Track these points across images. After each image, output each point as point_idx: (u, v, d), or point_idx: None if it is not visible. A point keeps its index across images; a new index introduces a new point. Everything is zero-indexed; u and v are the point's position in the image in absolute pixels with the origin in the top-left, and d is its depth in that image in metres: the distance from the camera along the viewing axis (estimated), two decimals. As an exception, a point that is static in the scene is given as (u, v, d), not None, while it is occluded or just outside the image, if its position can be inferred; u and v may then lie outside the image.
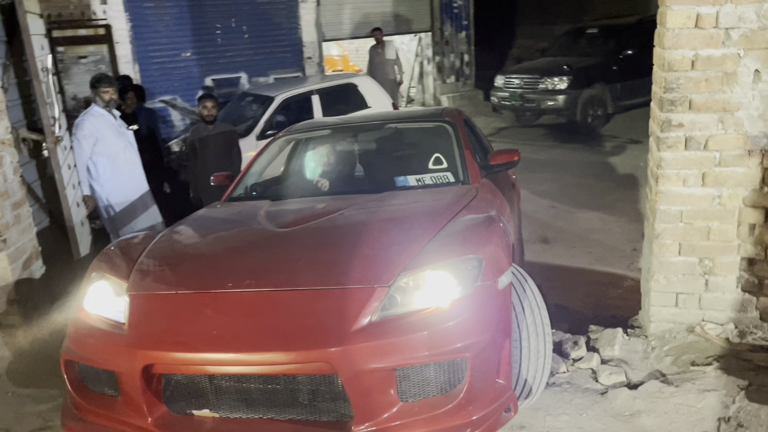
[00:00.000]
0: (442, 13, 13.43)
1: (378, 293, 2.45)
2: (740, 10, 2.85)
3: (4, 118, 3.75)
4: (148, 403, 2.45)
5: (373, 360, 2.29)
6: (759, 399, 2.72)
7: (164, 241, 3.09)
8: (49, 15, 9.00)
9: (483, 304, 2.47)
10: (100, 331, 2.58)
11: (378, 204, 3.38)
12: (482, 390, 2.40)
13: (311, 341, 2.33)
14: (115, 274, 2.78)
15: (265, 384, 2.43)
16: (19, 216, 3.82)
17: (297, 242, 2.94)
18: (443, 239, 2.74)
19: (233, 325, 2.45)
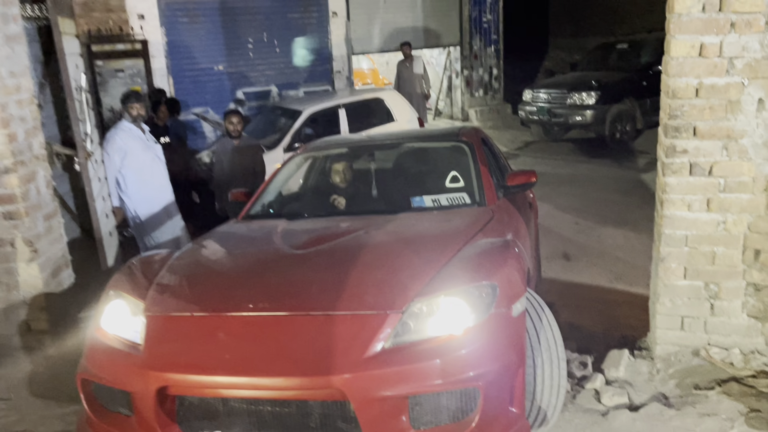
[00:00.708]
0: (471, 28, 13.51)
1: (391, 319, 2.45)
2: (744, 40, 2.89)
3: (39, 134, 3.97)
4: (161, 423, 2.47)
5: (385, 387, 2.29)
6: (758, 425, 2.74)
7: (181, 261, 3.12)
8: (89, 30, 9.37)
9: (497, 332, 2.45)
10: (117, 351, 2.61)
11: (393, 226, 3.38)
12: (495, 418, 2.38)
13: (323, 367, 2.33)
14: (132, 293, 2.81)
15: (277, 407, 2.45)
16: (51, 227, 4.03)
17: (311, 265, 2.96)
18: (457, 264, 2.73)
19: (246, 349, 2.46)
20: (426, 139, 4.67)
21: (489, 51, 13.85)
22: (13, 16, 3.76)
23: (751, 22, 2.86)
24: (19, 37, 3.82)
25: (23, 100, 3.82)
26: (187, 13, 10.23)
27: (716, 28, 2.90)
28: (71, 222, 4.73)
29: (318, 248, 3.15)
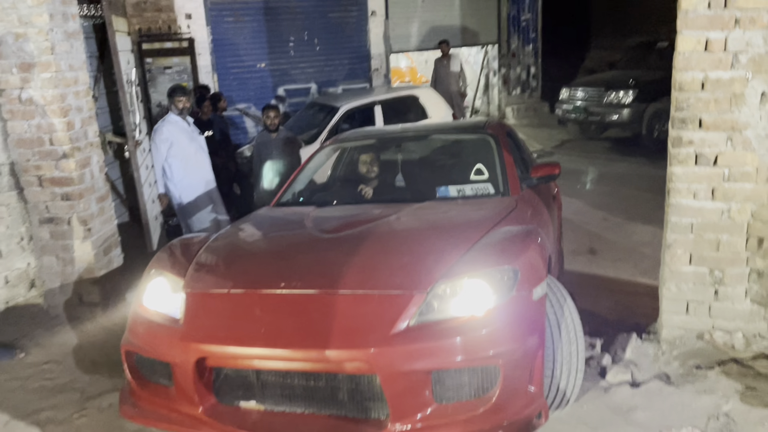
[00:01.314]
0: (509, 26, 13.62)
1: (416, 299, 2.56)
2: (748, 36, 3.03)
3: (93, 123, 4.34)
4: (199, 393, 2.61)
5: (410, 362, 2.41)
6: (752, 402, 2.89)
7: (217, 243, 3.28)
8: (140, 29, 9.85)
9: (517, 314, 2.56)
10: (158, 326, 2.77)
11: (419, 213, 3.51)
12: (514, 396, 2.49)
13: (352, 342, 2.46)
14: (173, 271, 2.97)
15: (308, 381, 2.57)
16: (103, 209, 4.39)
17: (341, 247, 3.08)
18: (481, 249, 2.83)
19: (279, 324, 2.60)
20: (452, 131, 4.80)
21: (527, 49, 13.92)
22: (72, 14, 4.13)
23: (754, 19, 3.00)
24: (78, 34, 4.19)
25: (80, 92, 4.19)
26: (232, 13, 10.64)
27: (721, 24, 3.05)
28: (120, 206, 5.09)
29: (347, 232, 3.27)
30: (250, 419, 2.60)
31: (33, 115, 4.00)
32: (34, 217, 4.20)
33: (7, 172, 4.14)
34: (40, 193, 4.14)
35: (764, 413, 2.80)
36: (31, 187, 4.14)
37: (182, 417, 2.65)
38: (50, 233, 4.21)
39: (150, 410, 2.75)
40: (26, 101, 3.99)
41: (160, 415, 2.71)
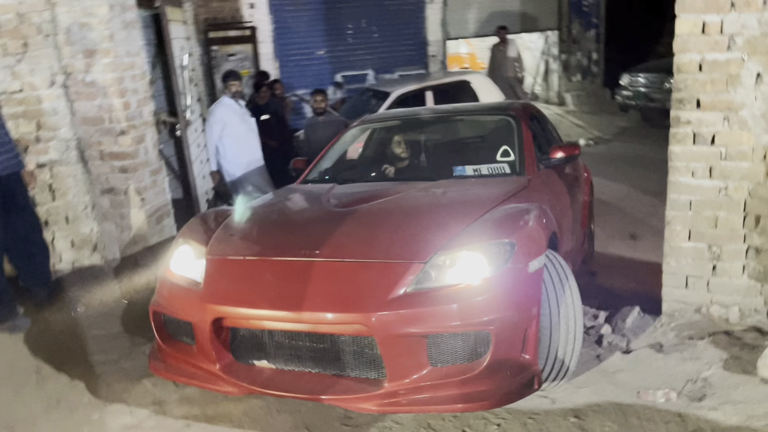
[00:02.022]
0: (570, 12, 13.49)
1: (414, 268, 2.72)
2: (743, 18, 3.13)
3: (149, 104, 4.82)
4: (217, 351, 2.84)
5: (405, 326, 2.57)
6: (734, 368, 3.03)
7: (239, 216, 3.51)
8: (206, 19, 10.45)
9: (511, 284, 2.69)
10: (182, 288, 3.00)
11: (431, 190, 3.66)
12: (506, 362, 2.63)
13: (352, 306, 2.65)
14: (197, 240, 3.21)
15: (314, 343, 2.78)
16: (156, 181, 4.88)
17: (350, 220, 3.25)
18: (482, 224, 2.97)
19: (288, 288, 2.79)
20: (475, 113, 4.94)
21: (588, 35, 13.75)
22: (130, 6, 4.60)
23: (749, 2, 3.10)
24: (135, 23, 4.67)
25: (136, 75, 4.67)
26: (293, 2, 11.09)
27: (717, 8, 3.16)
28: (174, 182, 5.59)
29: (358, 207, 3.45)
30: (262, 376, 2.82)
31: (95, 96, 4.51)
32: (96, 187, 4.73)
33: (74, 146, 4.67)
34: (101, 165, 4.66)
35: (742, 379, 2.94)
36: (93, 161, 4.66)
37: (202, 373, 2.88)
38: (110, 202, 4.72)
39: (175, 366, 3.00)
40: (89, 84, 4.49)
41: (183, 370, 2.96)
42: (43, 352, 3.77)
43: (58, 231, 4.73)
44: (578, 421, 2.78)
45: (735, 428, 2.61)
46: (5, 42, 4.36)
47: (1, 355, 3.73)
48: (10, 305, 4.04)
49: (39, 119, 4.55)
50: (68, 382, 3.43)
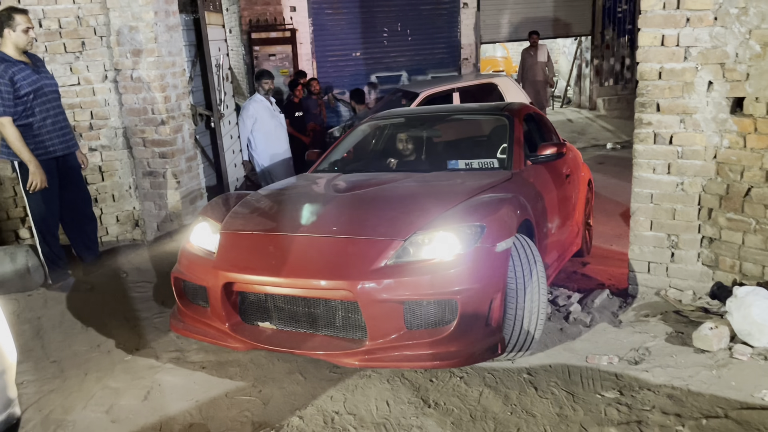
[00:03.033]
0: (604, 18, 13.73)
1: (395, 245, 3.11)
2: (697, 32, 3.53)
3: (186, 98, 5.45)
4: (227, 312, 3.27)
5: (384, 293, 2.95)
6: (674, 341, 3.43)
7: (251, 198, 3.97)
8: (250, 20, 11.15)
9: (479, 261, 3.03)
10: (199, 258, 3.44)
11: (422, 180, 4.03)
12: (471, 328, 3.00)
13: (340, 274, 3.05)
14: (214, 218, 3.66)
15: (309, 308, 3.19)
16: (191, 167, 5.51)
17: (345, 203, 3.71)
18: (459, 209, 3.33)
19: (287, 258, 3.20)
20: (474, 113, 5.33)
21: (622, 41, 13.96)
22: (173, 11, 5.24)
23: (702, 18, 3.50)
24: (177, 27, 5.30)
25: (176, 73, 5.30)
26: (331, 5, 11.70)
27: (674, 23, 3.57)
28: (209, 169, 6.21)
29: (354, 192, 3.89)
30: (264, 335, 3.25)
31: (140, 90, 5.15)
32: (138, 170, 5.38)
33: (121, 134, 5.33)
34: (144, 151, 5.30)
35: (678, 349, 3.34)
36: (137, 147, 5.31)
37: (214, 331, 3.33)
38: (150, 184, 5.36)
39: (192, 325, 3.46)
40: (136, 79, 5.14)
41: (198, 329, 3.42)
42: (88, 308, 4.40)
43: (105, 208, 5.40)
44: (529, 377, 3.23)
45: (658, 386, 3.02)
46: (66, 42, 5.04)
47: (55, 308, 4.38)
48: (63, 269, 4.70)
49: (92, 109, 5.22)
50: (107, 332, 4.05)
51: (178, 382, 3.36)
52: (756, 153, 3.46)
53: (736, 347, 3.22)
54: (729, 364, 3.13)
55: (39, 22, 4.94)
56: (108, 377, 3.45)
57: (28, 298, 4.52)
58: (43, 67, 4.43)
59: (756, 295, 3.25)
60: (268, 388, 3.24)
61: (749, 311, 3.20)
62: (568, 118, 13.89)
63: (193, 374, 3.42)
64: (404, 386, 3.17)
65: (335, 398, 3.11)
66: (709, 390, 2.94)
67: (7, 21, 4.16)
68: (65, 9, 5.01)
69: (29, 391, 3.35)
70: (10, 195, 4.99)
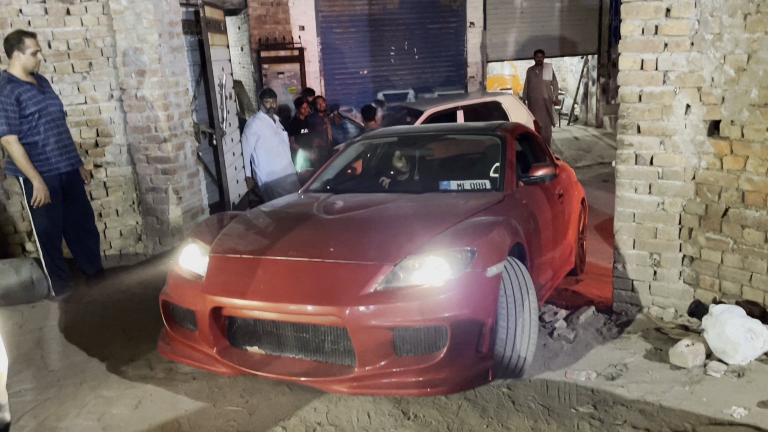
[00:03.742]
0: (610, 37, 13.82)
1: (385, 269, 3.07)
2: (674, 57, 3.63)
3: (189, 116, 5.63)
4: (215, 336, 3.25)
5: (374, 319, 2.92)
6: (652, 357, 3.51)
7: (242, 220, 3.93)
8: (259, 39, 11.38)
9: (469, 286, 3.00)
10: (187, 281, 3.40)
11: (413, 202, 3.99)
12: (461, 354, 2.96)
13: (329, 300, 3.01)
14: (204, 240, 3.61)
15: (298, 332, 3.16)
16: (192, 183, 5.67)
17: (335, 227, 3.71)
18: (450, 233, 3.30)
19: (276, 283, 3.17)
20: (466, 132, 5.36)
21: (628, 59, 14.03)
22: (177, 33, 5.43)
23: (679, 43, 3.60)
24: (180, 48, 5.49)
25: (179, 92, 5.48)
26: (339, 25, 11.92)
27: (652, 48, 3.68)
28: (212, 185, 6.38)
29: (344, 215, 3.88)
30: (252, 359, 3.22)
31: (144, 109, 5.33)
32: (142, 186, 5.55)
33: (125, 151, 5.51)
34: (147, 168, 5.47)
35: (655, 365, 3.41)
36: (140, 163, 5.49)
37: (202, 355, 3.30)
38: (152, 199, 5.53)
39: (179, 349, 3.44)
40: (140, 98, 5.33)
41: (186, 353, 3.39)
42: (89, 320, 4.54)
43: (109, 222, 5.58)
44: (508, 391, 3.31)
45: (631, 401, 3.09)
46: (74, 62, 5.24)
47: (56, 319, 4.53)
48: (66, 281, 4.87)
49: (98, 127, 5.41)
50: (105, 343, 4.18)
51: (169, 392, 3.48)
52: (732, 174, 3.54)
53: (710, 364, 3.28)
54: (702, 380, 3.20)
55: (48, 43, 5.14)
56: (102, 387, 3.58)
57: (32, 310, 4.68)
58: (49, 88, 4.62)
59: (730, 314, 3.32)
60: (255, 399, 3.35)
61: (723, 329, 3.27)
62: (574, 135, 13.97)
63: (183, 385, 3.53)
64: (386, 399, 3.26)
65: (318, 409, 3.21)
66: (681, 405, 3.01)
67: (17, 44, 4.36)
68: (74, 31, 5.22)
69: (27, 399, 3.49)
70: (17, 210, 5.18)
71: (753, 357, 3.27)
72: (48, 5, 5.12)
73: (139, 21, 5.17)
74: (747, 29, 3.36)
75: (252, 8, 11.30)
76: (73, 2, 5.19)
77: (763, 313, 3.52)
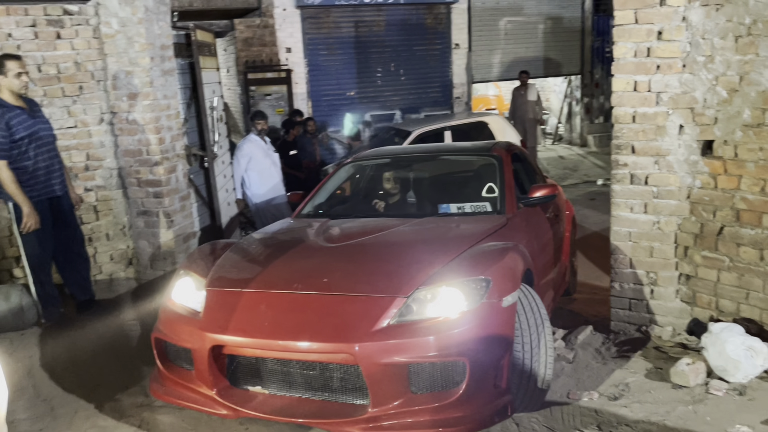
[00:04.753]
0: (592, 57, 14.07)
1: (398, 302, 2.92)
2: (666, 79, 3.69)
3: (180, 139, 5.60)
4: (214, 376, 3.03)
5: (388, 355, 2.75)
6: (653, 377, 3.51)
7: (237, 249, 3.73)
8: (246, 61, 11.40)
9: (486, 318, 2.88)
10: (182, 317, 3.20)
11: (416, 227, 3.86)
12: (480, 390, 2.81)
13: (339, 336, 2.84)
14: (198, 272, 3.41)
15: (305, 370, 2.97)
16: (184, 206, 5.62)
17: (339, 256, 3.50)
18: (460, 261, 3.17)
19: (281, 319, 3.00)
20: (461, 153, 5.24)
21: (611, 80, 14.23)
22: (168, 56, 5.42)
23: (671, 65, 3.66)
24: (172, 71, 5.48)
25: (171, 115, 5.46)
26: (326, 47, 11.99)
27: (645, 70, 3.73)
28: (203, 207, 6.33)
29: (348, 243, 3.69)
30: (255, 401, 3.01)
31: (135, 132, 5.30)
32: (133, 209, 5.49)
33: (116, 174, 5.46)
34: (138, 191, 5.42)
35: (657, 385, 3.42)
36: (131, 187, 5.44)
37: (200, 397, 3.09)
38: (144, 223, 5.47)
39: (174, 390, 3.21)
40: (131, 122, 5.29)
41: (182, 394, 3.16)
42: (80, 346, 4.45)
43: (99, 246, 5.51)
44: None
45: (636, 421, 3.09)
46: (64, 86, 5.21)
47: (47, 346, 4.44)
48: (57, 307, 4.78)
49: (88, 151, 5.37)
50: (98, 370, 4.10)
51: (166, 420, 3.41)
52: (727, 193, 3.59)
53: (712, 383, 3.29)
54: (705, 399, 3.21)
55: (38, 67, 5.10)
56: (97, 416, 3.50)
57: (21, 337, 4.58)
58: (39, 112, 4.58)
59: (730, 332, 3.34)
60: (255, 426, 3.29)
61: (724, 347, 3.29)
62: (559, 154, 14.10)
63: (181, 412, 3.46)
64: None
65: (320, 436, 3.17)
66: (686, 425, 3.01)
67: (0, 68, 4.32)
68: (64, 55, 5.19)
69: (21, 429, 3.41)
70: (6, 235, 5.09)
71: (754, 375, 3.29)
72: (38, 29, 5.09)
73: (130, 44, 5.15)
74: (738, 51, 3.42)
75: (239, 31, 11.33)
76: (63, 26, 5.16)
77: (760, 330, 3.54)
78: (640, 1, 3.67)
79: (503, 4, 13.14)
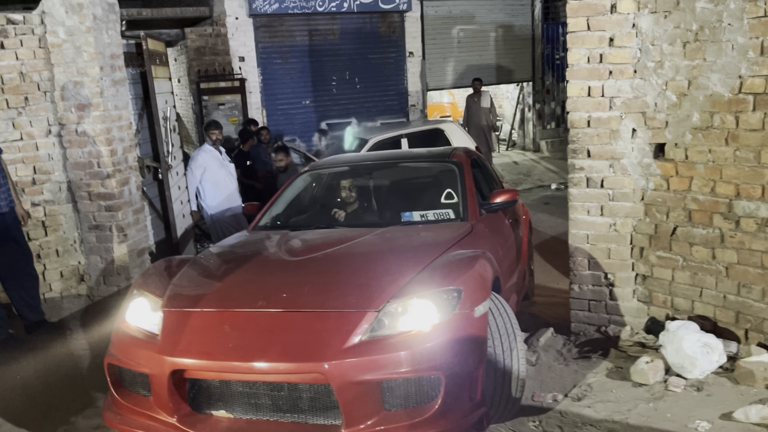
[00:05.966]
0: (543, 64, 14.35)
1: (369, 317, 2.81)
2: (619, 84, 3.78)
3: (133, 151, 5.46)
4: (174, 403, 2.84)
5: (361, 373, 2.64)
6: (614, 376, 3.57)
7: (194, 266, 3.56)
8: (198, 71, 11.23)
9: (459, 330, 2.79)
10: (138, 341, 3.00)
11: (380, 237, 3.76)
12: (456, 404, 2.73)
13: (309, 355, 2.71)
14: (153, 292, 3.21)
15: (272, 391, 2.81)
16: (138, 219, 5.47)
17: (305, 270, 3.34)
18: (430, 272, 3.08)
19: (246, 339, 2.84)
20: (420, 159, 5.22)
21: (561, 86, 14.56)
22: (119, 66, 5.28)
23: (623, 71, 3.75)
24: (123, 81, 5.34)
25: (123, 126, 5.31)
26: (280, 56, 11.90)
27: (598, 75, 3.82)
28: (157, 220, 6.18)
29: (312, 256, 3.54)
30: (221, 426, 2.83)
31: (86, 144, 5.14)
32: (84, 224, 5.32)
33: (65, 188, 5.29)
34: (89, 205, 5.26)
35: (618, 384, 3.48)
36: (82, 201, 5.27)
37: (159, 425, 2.87)
38: (96, 237, 5.30)
39: (131, 418, 2.98)
40: (81, 133, 5.13)
41: (139, 423, 2.94)
42: (31, 368, 4.29)
43: (48, 263, 5.31)
44: (477, 419, 3.30)
45: (600, 420, 3.13)
46: (8, 98, 5.02)
47: (-6, 369, 4.26)
48: (4, 328, 4.59)
49: (35, 164, 5.18)
50: (51, 392, 3.95)
51: (125, 440, 3.30)
52: (679, 195, 3.68)
53: (671, 380, 3.37)
54: (665, 396, 3.28)
55: (-19, 78, 4.92)
56: (51, 439, 3.37)
57: (-33, 360, 4.38)
58: (-16, 125, 4.40)
59: (686, 330, 3.42)
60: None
61: (681, 345, 3.37)
62: (513, 160, 14.31)
63: (139, 432, 3.35)
64: None
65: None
66: (647, 423, 3.06)
67: None
68: (8, 65, 5.01)
69: (-34, 458, 3.25)
70: (-51, 253, 4.86)
71: (710, 371, 3.37)
72: (-20, 39, 4.91)
73: (79, 54, 5.00)
74: (686, 56, 3.52)
75: (190, 40, 11.16)
76: (7, 36, 4.98)
77: (714, 327, 3.64)
78: (592, 9, 3.76)
79: (455, 13, 13.29)
